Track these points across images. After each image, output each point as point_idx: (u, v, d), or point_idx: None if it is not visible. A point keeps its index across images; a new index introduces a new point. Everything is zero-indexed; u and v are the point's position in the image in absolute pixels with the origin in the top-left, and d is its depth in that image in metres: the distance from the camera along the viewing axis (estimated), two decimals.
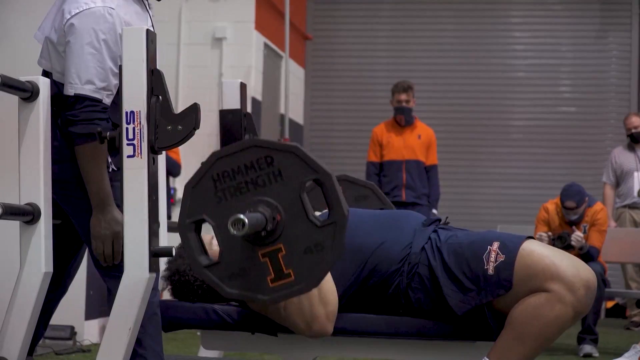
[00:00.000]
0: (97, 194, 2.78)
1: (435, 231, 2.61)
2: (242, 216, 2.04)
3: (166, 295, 3.01)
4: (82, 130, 2.75)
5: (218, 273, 2.19)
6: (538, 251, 2.46)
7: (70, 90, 2.76)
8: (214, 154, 2.22)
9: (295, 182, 2.13)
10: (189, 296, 2.72)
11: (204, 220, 2.21)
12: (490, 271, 2.45)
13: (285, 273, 2.13)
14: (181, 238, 2.24)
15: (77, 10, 2.78)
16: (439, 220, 2.70)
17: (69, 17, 2.78)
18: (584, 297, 2.39)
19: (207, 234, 2.84)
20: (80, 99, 2.75)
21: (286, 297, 2.15)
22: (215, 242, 2.74)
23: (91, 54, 2.76)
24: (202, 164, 2.22)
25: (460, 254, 2.51)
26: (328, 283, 2.51)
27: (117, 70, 2.78)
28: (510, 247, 2.47)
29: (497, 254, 2.46)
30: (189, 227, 2.22)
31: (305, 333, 2.54)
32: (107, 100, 2.79)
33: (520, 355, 2.40)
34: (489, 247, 2.48)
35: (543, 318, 2.37)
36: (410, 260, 2.55)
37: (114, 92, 2.81)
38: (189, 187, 2.22)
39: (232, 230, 2.05)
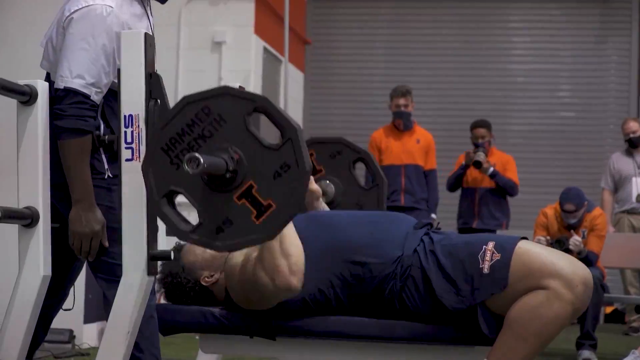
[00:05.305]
0: (79, 191, 2.79)
1: (427, 234, 2.61)
2: (195, 154, 2.05)
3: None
4: (69, 125, 2.76)
5: (205, 232, 2.19)
6: (534, 250, 2.46)
7: (60, 83, 2.78)
8: (155, 127, 2.24)
9: (238, 119, 2.15)
10: (182, 298, 2.72)
11: (173, 192, 2.21)
12: (486, 270, 2.44)
13: (265, 205, 2.13)
14: (158, 215, 2.24)
15: (76, 8, 2.82)
16: (430, 224, 2.70)
17: (68, 14, 2.83)
18: (582, 294, 2.38)
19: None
20: (70, 93, 2.77)
21: (278, 226, 2.14)
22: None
23: (84, 49, 2.78)
24: (148, 140, 2.22)
25: (455, 255, 2.50)
26: (289, 237, 2.48)
27: (109, 69, 2.81)
28: (506, 246, 2.47)
29: (493, 253, 2.46)
30: (162, 203, 2.22)
31: (271, 289, 2.48)
32: (96, 98, 2.80)
33: (520, 356, 2.39)
34: (484, 246, 2.48)
35: (542, 316, 2.36)
36: (403, 262, 2.54)
37: (104, 91, 2.83)
38: (145, 167, 2.22)
39: (188, 169, 2.05)
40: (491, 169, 7.23)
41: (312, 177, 3.03)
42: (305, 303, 2.58)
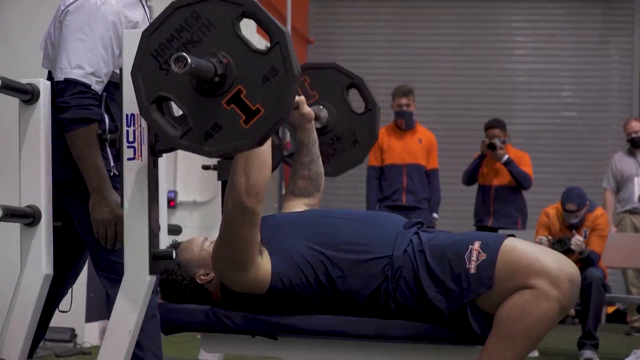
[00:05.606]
0: (94, 178, 2.80)
1: (416, 233, 2.60)
2: (183, 53, 2.04)
3: None
4: (75, 116, 2.77)
5: (194, 137, 2.18)
6: (520, 247, 2.45)
7: (60, 76, 2.79)
8: (143, 34, 2.21)
9: (227, 23, 2.14)
10: (177, 296, 2.70)
11: (162, 97, 2.20)
12: (472, 270, 2.44)
13: (254, 110, 2.12)
14: (148, 122, 2.23)
15: (71, 1, 2.85)
16: (421, 223, 2.70)
17: (63, 8, 2.86)
18: (569, 291, 2.38)
19: (198, 237, 2.83)
20: (70, 84, 2.78)
21: (265, 132, 2.12)
22: (207, 243, 2.73)
23: (81, 39, 2.80)
24: (138, 46, 2.21)
25: (442, 255, 2.50)
26: (256, 157, 2.45)
27: (107, 58, 2.82)
28: (492, 245, 2.46)
29: (479, 252, 2.46)
30: (151, 109, 2.20)
31: (230, 208, 2.47)
32: (97, 87, 2.82)
33: (511, 355, 2.39)
34: (470, 246, 2.48)
35: (530, 316, 2.36)
36: (393, 264, 2.54)
37: (105, 80, 2.84)
38: (134, 72, 2.21)
39: (175, 68, 2.04)
40: (506, 156, 7.22)
41: (305, 101, 3.03)
42: (294, 290, 2.56)
